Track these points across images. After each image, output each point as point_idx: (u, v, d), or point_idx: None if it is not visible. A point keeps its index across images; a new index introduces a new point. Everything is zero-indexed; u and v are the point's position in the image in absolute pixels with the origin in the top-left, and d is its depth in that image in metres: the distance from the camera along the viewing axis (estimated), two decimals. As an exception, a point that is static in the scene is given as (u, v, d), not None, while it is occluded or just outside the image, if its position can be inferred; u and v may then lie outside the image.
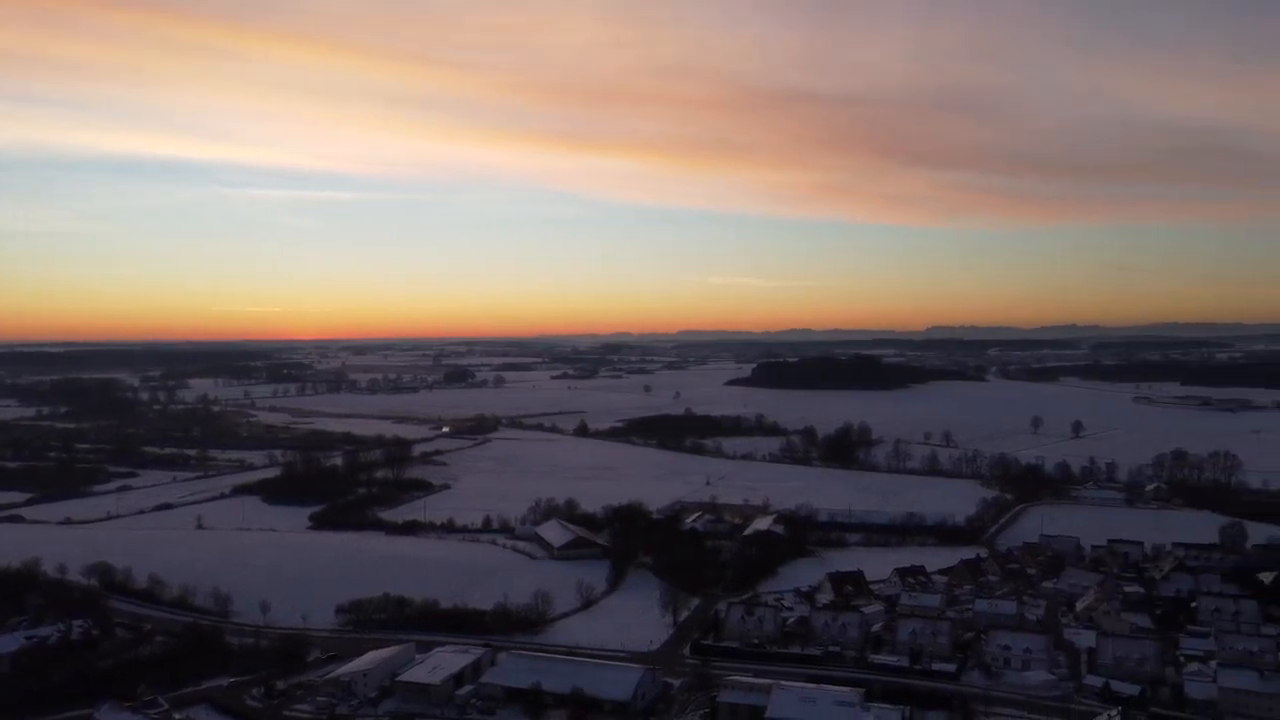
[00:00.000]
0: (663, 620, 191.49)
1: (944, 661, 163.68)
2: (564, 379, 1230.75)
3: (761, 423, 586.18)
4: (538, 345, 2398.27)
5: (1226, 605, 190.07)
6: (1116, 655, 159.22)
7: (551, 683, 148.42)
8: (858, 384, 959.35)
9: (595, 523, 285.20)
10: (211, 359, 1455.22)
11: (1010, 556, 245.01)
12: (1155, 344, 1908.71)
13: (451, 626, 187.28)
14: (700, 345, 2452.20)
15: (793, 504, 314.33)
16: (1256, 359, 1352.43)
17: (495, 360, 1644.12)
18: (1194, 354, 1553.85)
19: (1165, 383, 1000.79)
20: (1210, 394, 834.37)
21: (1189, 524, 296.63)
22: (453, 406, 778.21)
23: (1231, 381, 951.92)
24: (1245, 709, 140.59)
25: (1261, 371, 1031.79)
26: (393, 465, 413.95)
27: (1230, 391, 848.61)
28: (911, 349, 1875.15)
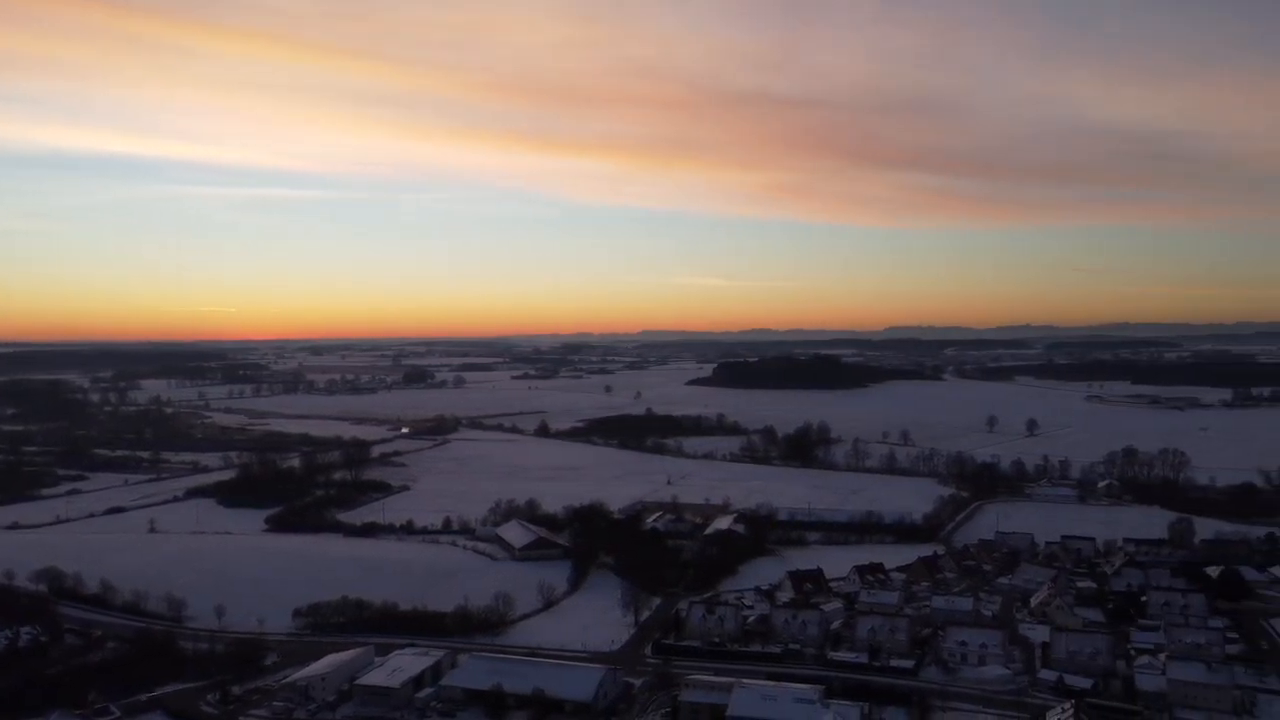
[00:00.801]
0: (624, 620, 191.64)
1: (902, 658, 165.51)
2: (525, 379, 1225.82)
3: (722, 422, 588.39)
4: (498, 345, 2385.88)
5: (1175, 599, 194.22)
6: (1070, 649, 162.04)
7: (513, 684, 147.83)
8: (817, 383, 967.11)
9: (556, 523, 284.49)
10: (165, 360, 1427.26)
11: (967, 553, 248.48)
12: (1107, 344, 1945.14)
13: (411, 629, 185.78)
14: (661, 345, 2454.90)
15: (753, 503, 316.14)
16: (1204, 358, 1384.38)
17: (455, 360, 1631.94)
18: (1144, 354, 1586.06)
19: (1116, 382, 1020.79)
20: (1159, 393, 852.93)
21: (1139, 520, 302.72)
22: (412, 407, 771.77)
23: (1180, 380, 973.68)
24: (1194, 700, 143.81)
25: (1208, 371, 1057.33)
26: (351, 467, 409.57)
27: (1178, 390, 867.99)
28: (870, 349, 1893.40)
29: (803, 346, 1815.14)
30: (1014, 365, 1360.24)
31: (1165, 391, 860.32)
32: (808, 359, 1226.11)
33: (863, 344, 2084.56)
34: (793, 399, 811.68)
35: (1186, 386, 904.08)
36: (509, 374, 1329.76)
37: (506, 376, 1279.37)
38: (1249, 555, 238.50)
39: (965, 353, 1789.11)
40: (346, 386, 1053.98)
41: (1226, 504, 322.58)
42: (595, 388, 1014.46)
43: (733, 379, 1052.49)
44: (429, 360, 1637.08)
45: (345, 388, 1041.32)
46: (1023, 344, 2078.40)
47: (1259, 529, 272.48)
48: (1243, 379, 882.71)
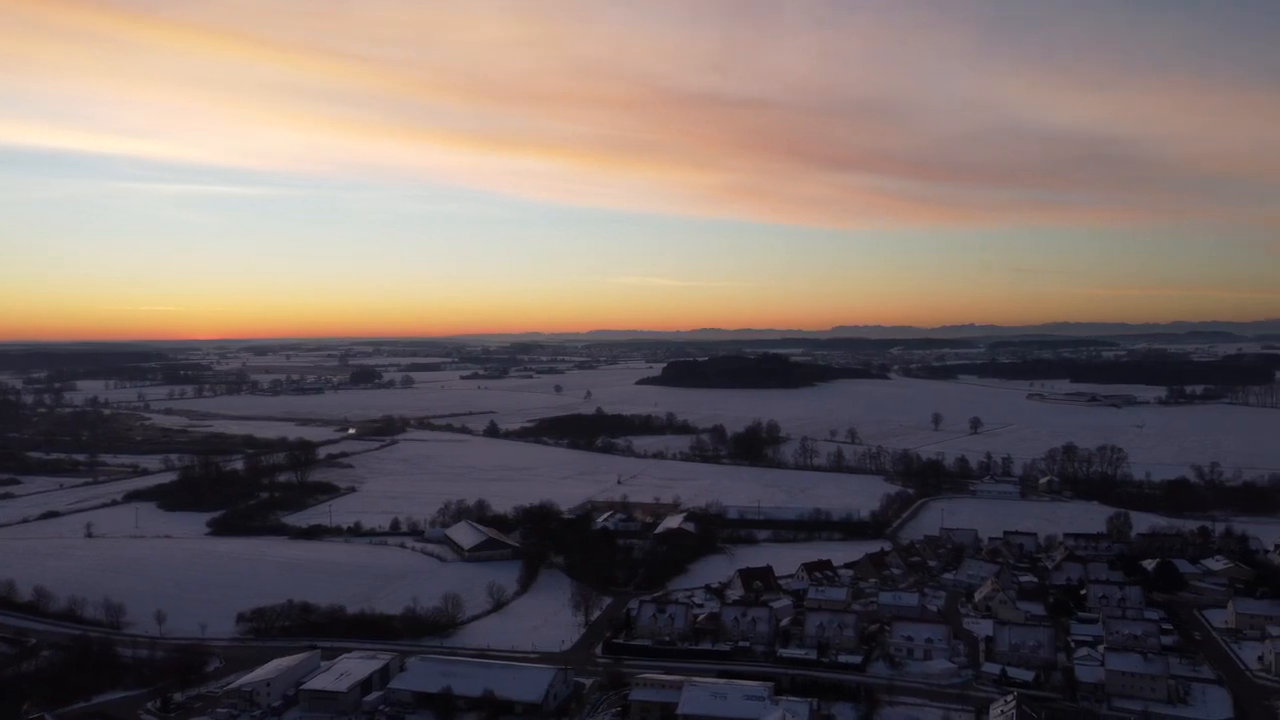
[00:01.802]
0: (574, 620, 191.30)
1: (850, 653, 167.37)
2: (474, 379, 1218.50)
3: (672, 421, 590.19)
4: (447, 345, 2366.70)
5: (1113, 592, 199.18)
6: (1012, 643, 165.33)
7: (462, 686, 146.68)
8: (766, 382, 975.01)
9: (506, 523, 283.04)
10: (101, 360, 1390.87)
11: (913, 549, 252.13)
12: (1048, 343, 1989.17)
13: (359, 632, 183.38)
14: (611, 345, 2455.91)
15: (703, 502, 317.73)
16: (1139, 357, 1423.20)
17: (403, 360, 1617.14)
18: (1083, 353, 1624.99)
19: (1057, 380, 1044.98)
20: (1098, 391, 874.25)
21: (1079, 515, 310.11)
22: (359, 407, 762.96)
23: (1117, 379, 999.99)
24: (1131, 690, 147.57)
25: (1144, 369, 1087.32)
26: (296, 468, 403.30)
27: (1116, 388, 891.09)
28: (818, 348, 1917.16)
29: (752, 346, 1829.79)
30: (958, 364, 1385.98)
31: (1103, 390, 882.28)
32: (757, 358, 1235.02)
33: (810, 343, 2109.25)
34: (742, 398, 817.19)
35: (1123, 385, 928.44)
36: (458, 374, 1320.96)
37: (455, 376, 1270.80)
38: (1182, 548, 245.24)
39: (911, 352, 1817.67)
40: (292, 387, 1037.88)
41: (1161, 499, 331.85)
42: (545, 387, 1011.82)
43: (682, 378, 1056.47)
44: (376, 360, 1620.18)
45: (290, 388, 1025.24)
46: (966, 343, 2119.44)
47: (1192, 523, 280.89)
48: (1177, 377, 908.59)
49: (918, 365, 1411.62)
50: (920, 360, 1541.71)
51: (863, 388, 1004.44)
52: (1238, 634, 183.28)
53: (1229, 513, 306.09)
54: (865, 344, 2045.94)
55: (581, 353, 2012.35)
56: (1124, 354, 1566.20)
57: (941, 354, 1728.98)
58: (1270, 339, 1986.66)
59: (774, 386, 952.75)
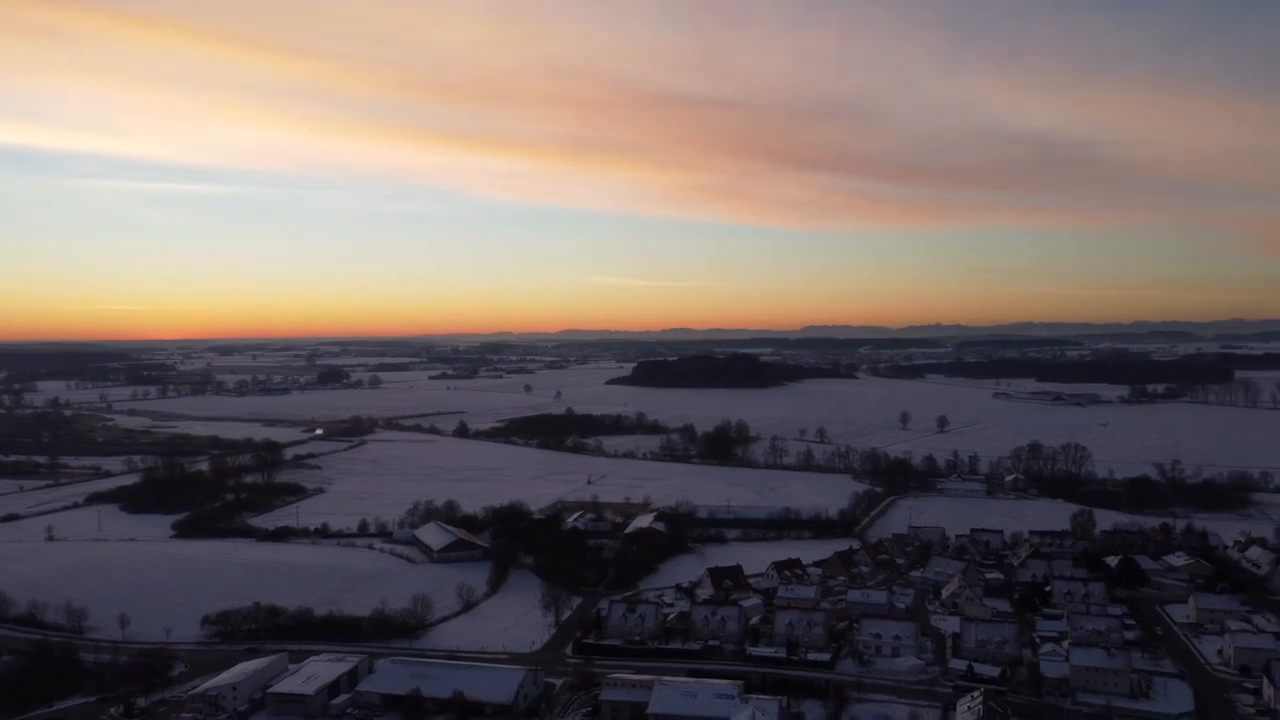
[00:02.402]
0: (545, 620, 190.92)
1: (819, 651, 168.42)
2: (443, 379, 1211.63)
3: (642, 421, 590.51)
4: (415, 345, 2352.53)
5: (1077, 588, 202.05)
6: (979, 639, 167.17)
7: (431, 688, 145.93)
8: (736, 382, 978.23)
9: (476, 524, 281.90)
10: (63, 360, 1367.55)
11: (881, 547, 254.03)
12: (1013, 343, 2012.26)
13: (327, 635, 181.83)
14: (582, 345, 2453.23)
15: (673, 501, 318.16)
16: (1103, 356, 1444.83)
17: (371, 360, 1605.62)
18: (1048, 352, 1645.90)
19: (1022, 379, 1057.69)
20: (1062, 390, 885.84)
21: (1044, 512, 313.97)
22: (327, 408, 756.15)
23: (1081, 378, 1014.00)
24: (1094, 684, 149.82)
25: (1107, 368, 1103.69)
26: (263, 469, 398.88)
27: (1080, 387, 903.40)
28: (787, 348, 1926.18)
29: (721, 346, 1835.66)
30: (925, 364, 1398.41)
31: (1067, 389, 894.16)
32: (726, 358, 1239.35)
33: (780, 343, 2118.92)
34: (712, 397, 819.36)
35: (1087, 384, 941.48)
36: (427, 374, 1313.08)
37: (424, 376, 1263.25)
38: (1145, 545, 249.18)
39: (879, 351, 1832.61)
40: (258, 387, 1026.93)
41: (1124, 496, 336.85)
42: (515, 387, 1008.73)
43: (652, 378, 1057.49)
44: (344, 360, 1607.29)
45: (256, 389, 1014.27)
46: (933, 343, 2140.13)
47: (1153, 520, 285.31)
48: (1139, 376, 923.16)
49: (886, 365, 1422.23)
50: (888, 360, 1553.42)
51: (831, 387, 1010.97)
52: (1198, 629, 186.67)
53: (1190, 510, 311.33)
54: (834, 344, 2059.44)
55: (551, 352, 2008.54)
56: (1088, 353, 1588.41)
57: (909, 354, 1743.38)
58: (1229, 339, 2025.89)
59: (744, 386, 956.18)
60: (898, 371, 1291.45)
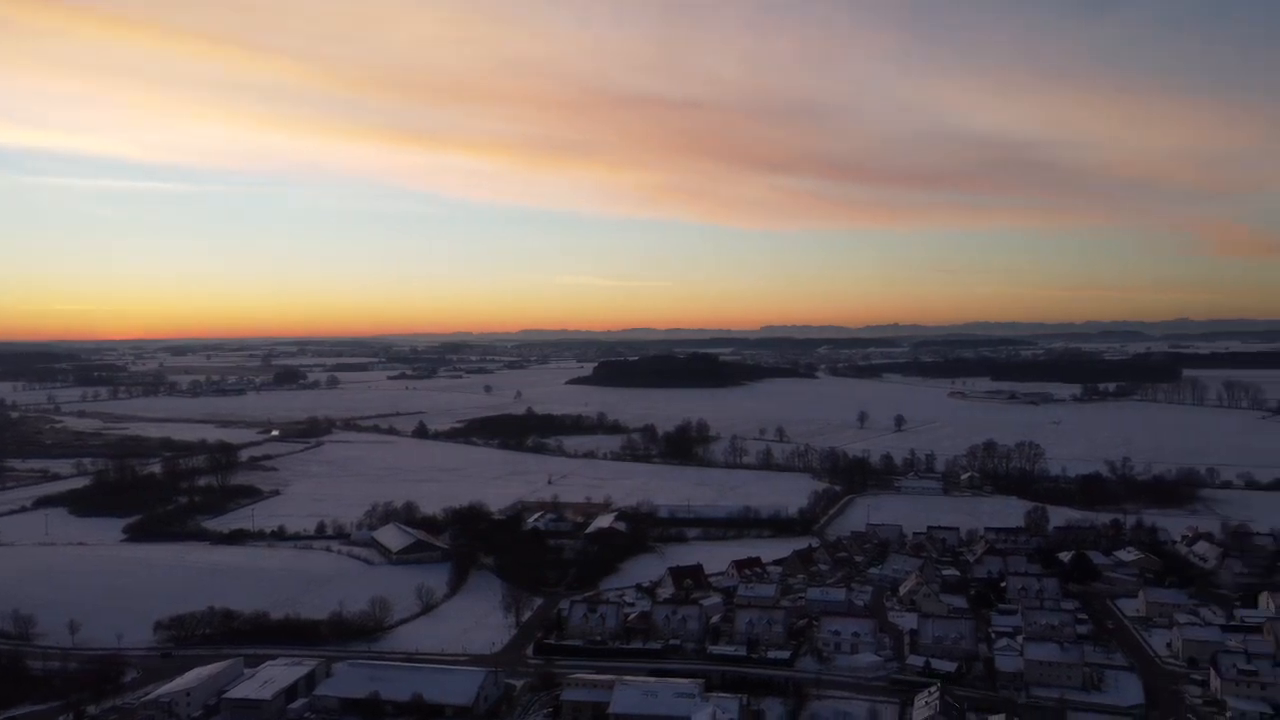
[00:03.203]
0: (505, 621, 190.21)
1: (779, 649, 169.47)
2: (401, 379, 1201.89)
3: (603, 421, 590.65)
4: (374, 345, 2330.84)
5: (1031, 584, 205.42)
6: (935, 635, 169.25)
7: (390, 691, 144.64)
8: (696, 382, 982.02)
9: (435, 525, 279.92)
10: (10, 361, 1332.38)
11: (839, 545, 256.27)
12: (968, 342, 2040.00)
13: (283, 638, 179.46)
14: (542, 344, 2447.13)
15: (634, 501, 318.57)
16: (1056, 356, 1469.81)
17: (328, 361, 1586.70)
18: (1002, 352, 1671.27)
19: (978, 378, 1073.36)
20: (1016, 388, 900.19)
21: (999, 509, 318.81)
22: (283, 409, 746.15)
23: (1035, 377, 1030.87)
24: (1048, 678, 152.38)
25: (1060, 367, 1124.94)
26: (217, 471, 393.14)
27: (1033, 386, 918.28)
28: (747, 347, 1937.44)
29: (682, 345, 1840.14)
30: (883, 363, 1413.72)
31: (1021, 387, 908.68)
32: (687, 358, 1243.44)
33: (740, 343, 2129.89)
34: (672, 397, 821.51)
35: (1041, 382, 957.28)
36: (385, 374, 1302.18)
37: (383, 377, 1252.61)
38: (1096, 540, 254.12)
39: (837, 351, 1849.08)
40: (212, 388, 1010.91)
41: (1076, 493, 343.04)
42: (474, 387, 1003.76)
43: (613, 378, 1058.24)
44: (301, 360, 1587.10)
45: (211, 389, 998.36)
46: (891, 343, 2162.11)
47: (1105, 516, 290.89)
48: (1090, 375, 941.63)
49: (844, 364, 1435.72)
50: (847, 360, 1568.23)
51: (791, 387, 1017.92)
52: (1148, 622, 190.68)
53: (1139, 506, 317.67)
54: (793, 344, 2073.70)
55: (511, 352, 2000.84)
56: (1041, 353, 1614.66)
57: (867, 353, 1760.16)
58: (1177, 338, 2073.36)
59: (704, 386, 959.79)
60: (856, 371, 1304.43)
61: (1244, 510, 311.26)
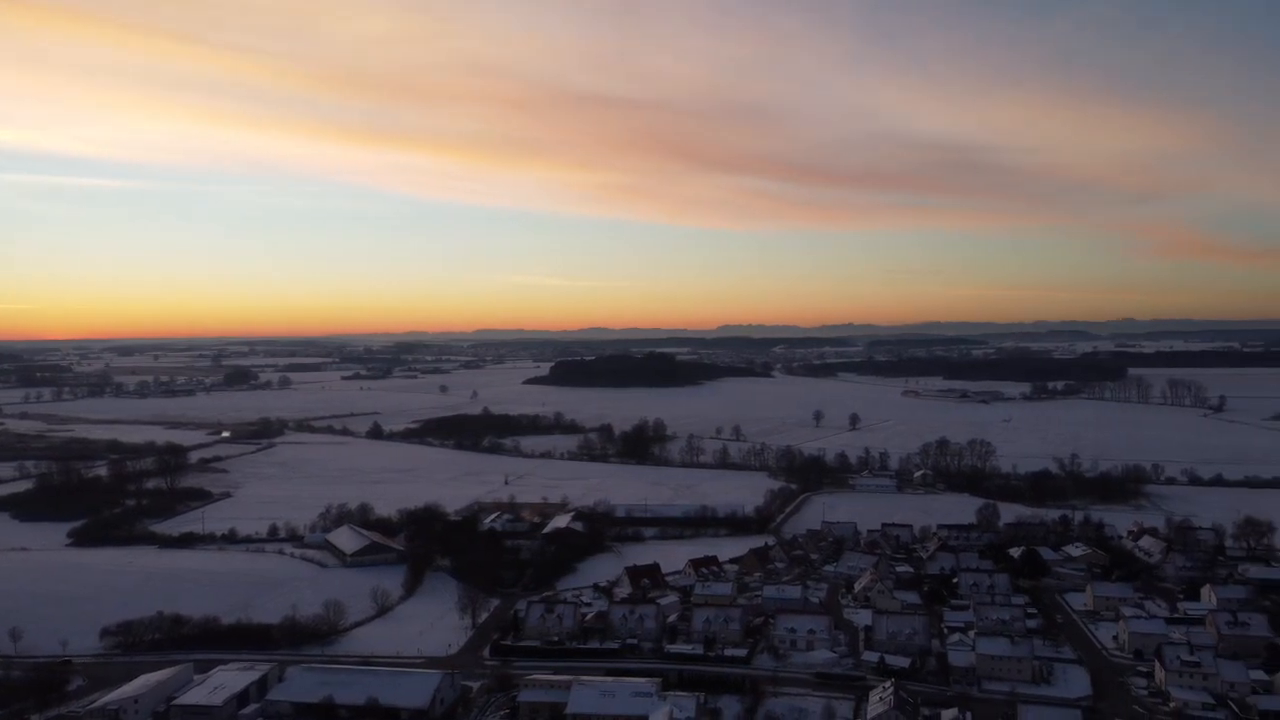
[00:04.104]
0: (461, 623, 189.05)
1: (736, 647, 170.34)
2: (355, 379, 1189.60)
3: (559, 421, 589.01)
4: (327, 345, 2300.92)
5: (983, 579, 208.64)
6: (890, 631, 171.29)
7: (345, 695, 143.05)
8: (652, 381, 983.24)
9: (390, 527, 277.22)
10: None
11: (795, 543, 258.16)
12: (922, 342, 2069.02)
13: (235, 643, 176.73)
14: (498, 344, 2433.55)
15: (591, 501, 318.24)
16: (1006, 355, 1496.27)
17: (280, 361, 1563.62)
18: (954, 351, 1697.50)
19: (930, 377, 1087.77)
20: (968, 387, 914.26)
21: (951, 506, 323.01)
22: (234, 410, 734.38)
23: (985, 376, 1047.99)
24: (999, 672, 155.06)
25: (1010, 366, 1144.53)
26: (166, 474, 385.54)
27: (984, 385, 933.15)
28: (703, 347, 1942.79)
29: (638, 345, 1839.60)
30: (838, 362, 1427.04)
31: (973, 386, 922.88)
32: (643, 357, 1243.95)
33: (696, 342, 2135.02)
34: (629, 397, 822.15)
35: (991, 381, 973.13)
36: (339, 374, 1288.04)
37: (336, 377, 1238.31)
38: (1045, 536, 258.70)
39: (793, 350, 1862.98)
40: (160, 389, 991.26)
41: (1026, 490, 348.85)
42: (430, 387, 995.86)
43: (570, 378, 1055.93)
44: (252, 360, 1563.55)
45: (159, 390, 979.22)
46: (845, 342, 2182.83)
47: (1054, 512, 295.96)
48: (1039, 374, 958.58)
49: (799, 364, 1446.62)
50: (802, 359, 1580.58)
51: (747, 386, 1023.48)
52: (1095, 615, 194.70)
53: (1087, 502, 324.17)
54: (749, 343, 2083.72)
55: (467, 352, 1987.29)
56: (992, 352, 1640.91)
57: (822, 352, 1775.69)
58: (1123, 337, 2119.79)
59: (661, 385, 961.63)
60: (811, 370, 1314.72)
61: (1187, 505, 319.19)
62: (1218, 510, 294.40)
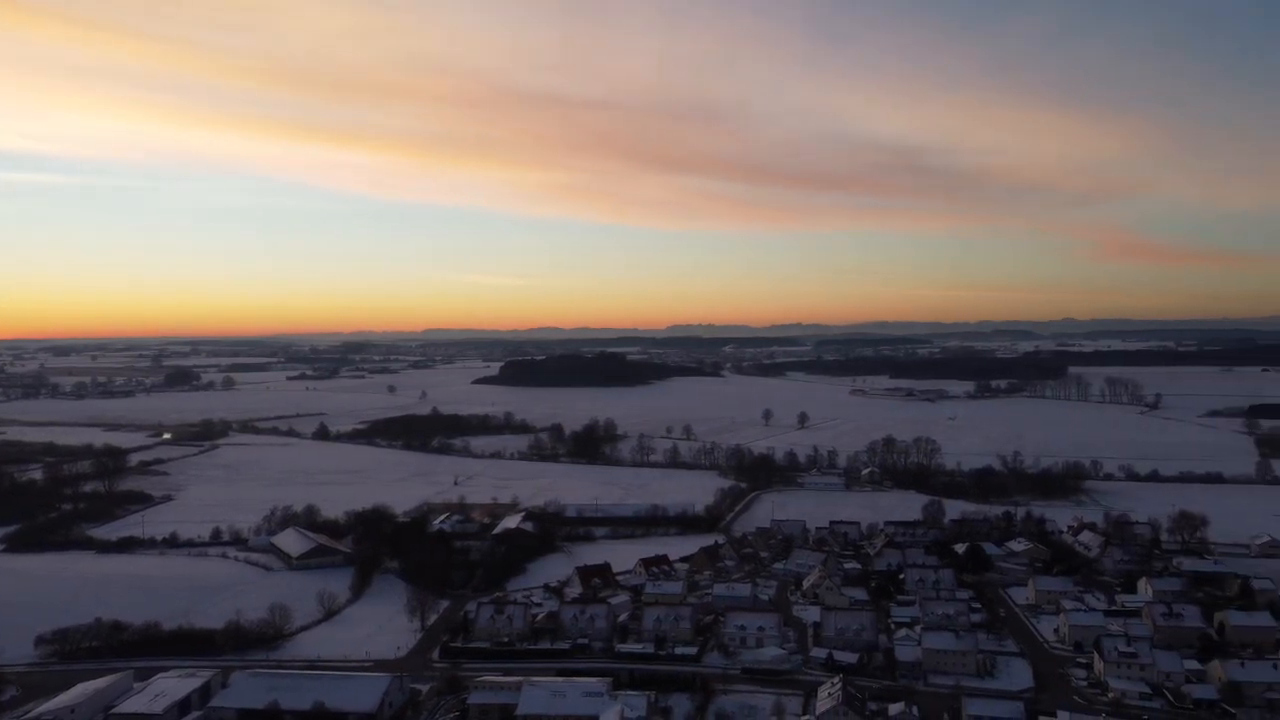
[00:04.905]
0: (410, 625, 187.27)
1: (686, 645, 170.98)
2: (301, 380, 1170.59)
3: (510, 421, 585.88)
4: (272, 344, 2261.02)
5: (928, 575, 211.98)
6: (838, 627, 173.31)
7: (290, 700, 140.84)
8: (603, 381, 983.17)
9: (338, 529, 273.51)
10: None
11: (745, 541, 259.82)
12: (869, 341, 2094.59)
13: (177, 650, 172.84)
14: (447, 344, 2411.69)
15: (542, 501, 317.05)
16: (951, 354, 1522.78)
17: (224, 361, 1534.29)
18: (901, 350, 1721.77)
19: (877, 376, 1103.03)
20: (914, 386, 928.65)
21: (897, 503, 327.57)
22: (175, 411, 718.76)
23: (931, 374, 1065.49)
24: (944, 666, 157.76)
25: (955, 365, 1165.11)
26: (104, 477, 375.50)
27: (930, 383, 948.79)
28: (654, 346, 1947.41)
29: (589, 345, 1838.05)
30: (786, 361, 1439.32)
31: (919, 385, 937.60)
32: (594, 357, 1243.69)
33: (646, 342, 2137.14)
34: (579, 396, 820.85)
35: (937, 380, 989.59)
36: (284, 375, 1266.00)
37: (282, 377, 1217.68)
38: (989, 532, 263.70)
39: (742, 350, 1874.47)
40: (98, 390, 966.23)
41: (970, 486, 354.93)
42: (378, 388, 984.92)
43: (520, 377, 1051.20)
44: (194, 361, 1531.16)
45: (97, 391, 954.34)
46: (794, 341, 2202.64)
47: (997, 508, 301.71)
48: (984, 372, 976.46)
49: (749, 363, 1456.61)
50: (751, 358, 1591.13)
51: (697, 385, 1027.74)
52: (1036, 609, 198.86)
53: (1029, 498, 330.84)
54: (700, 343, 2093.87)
55: (416, 352, 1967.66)
56: (937, 351, 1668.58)
57: (771, 352, 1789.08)
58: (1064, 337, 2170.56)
59: (611, 385, 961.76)
60: (761, 369, 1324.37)
61: (1124, 501, 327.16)
62: (1153, 505, 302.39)
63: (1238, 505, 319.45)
